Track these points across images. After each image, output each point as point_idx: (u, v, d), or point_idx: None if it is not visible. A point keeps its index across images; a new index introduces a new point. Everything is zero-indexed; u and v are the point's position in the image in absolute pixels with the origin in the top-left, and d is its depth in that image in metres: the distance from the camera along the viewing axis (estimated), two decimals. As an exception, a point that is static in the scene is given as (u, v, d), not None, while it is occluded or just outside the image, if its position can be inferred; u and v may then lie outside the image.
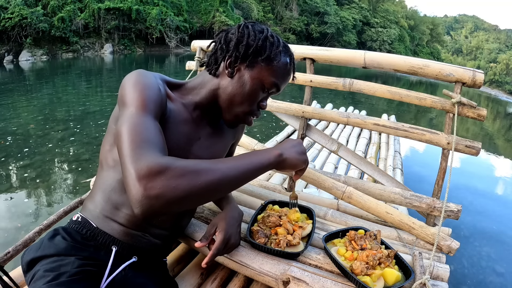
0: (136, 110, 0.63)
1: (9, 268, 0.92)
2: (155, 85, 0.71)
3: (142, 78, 0.70)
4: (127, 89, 0.67)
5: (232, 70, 0.77)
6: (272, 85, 0.78)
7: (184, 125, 0.78)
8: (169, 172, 0.52)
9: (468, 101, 1.13)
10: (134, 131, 0.59)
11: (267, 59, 0.76)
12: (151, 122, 0.63)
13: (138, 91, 0.66)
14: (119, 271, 0.73)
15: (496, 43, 52.80)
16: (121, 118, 0.63)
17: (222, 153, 0.94)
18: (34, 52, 15.07)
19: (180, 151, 0.78)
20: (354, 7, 36.41)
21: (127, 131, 0.59)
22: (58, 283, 0.63)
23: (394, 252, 0.92)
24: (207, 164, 0.58)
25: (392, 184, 1.36)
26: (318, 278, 0.86)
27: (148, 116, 0.64)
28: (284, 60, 0.78)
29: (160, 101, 0.70)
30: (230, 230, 0.89)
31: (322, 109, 1.44)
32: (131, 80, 0.69)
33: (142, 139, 0.58)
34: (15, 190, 2.83)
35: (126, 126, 0.60)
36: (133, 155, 0.54)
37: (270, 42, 0.76)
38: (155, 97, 0.68)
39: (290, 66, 0.80)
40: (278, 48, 0.76)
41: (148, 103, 0.65)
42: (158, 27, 19.35)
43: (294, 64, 0.83)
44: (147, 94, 0.67)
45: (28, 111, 5.44)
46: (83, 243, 0.73)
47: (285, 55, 0.79)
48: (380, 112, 5.85)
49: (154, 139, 0.59)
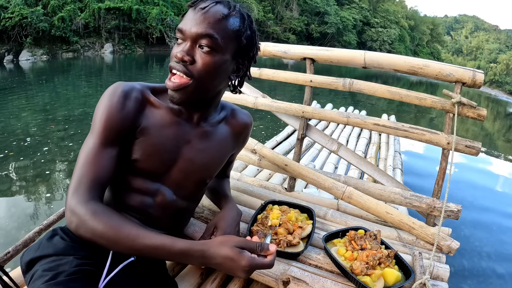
0: (93, 142, 0.73)
1: (9, 268, 0.92)
2: (119, 106, 0.74)
3: (109, 100, 0.74)
4: (96, 113, 0.74)
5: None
6: (177, 31, 0.74)
7: (168, 128, 0.79)
8: (77, 218, 0.65)
9: (468, 101, 1.13)
10: (81, 167, 0.71)
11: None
12: (102, 156, 0.72)
13: (101, 118, 0.73)
14: (117, 270, 0.73)
15: (496, 43, 52.81)
16: (84, 142, 0.74)
17: (219, 159, 0.92)
18: (34, 51, 15.06)
19: (169, 154, 0.79)
20: (354, 7, 36.40)
21: (78, 165, 0.71)
22: (56, 282, 0.63)
23: (394, 252, 0.92)
24: (111, 234, 0.64)
25: (392, 184, 1.36)
26: (318, 278, 0.87)
27: (102, 148, 0.72)
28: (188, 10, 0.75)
29: (121, 124, 0.74)
30: (229, 229, 0.89)
31: (322, 109, 1.44)
32: (101, 103, 0.75)
33: (80, 179, 0.69)
34: (15, 190, 2.83)
35: (80, 158, 0.72)
36: (71, 191, 0.68)
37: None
38: (116, 122, 0.73)
39: (190, 6, 0.75)
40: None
41: (107, 132, 0.73)
42: (158, 27, 19.33)
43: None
44: (108, 122, 0.73)
45: (28, 111, 5.44)
46: (81, 243, 0.74)
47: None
48: (380, 112, 5.85)
49: (91, 179, 0.70)
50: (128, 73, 12.15)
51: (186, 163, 0.82)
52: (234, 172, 1.66)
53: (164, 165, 0.80)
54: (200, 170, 0.85)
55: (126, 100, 0.75)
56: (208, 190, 1.10)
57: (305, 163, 2.74)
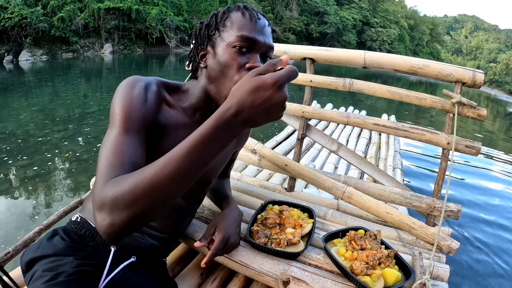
0: (117, 132, 0.64)
1: (9, 268, 0.92)
2: (141, 98, 0.69)
3: (129, 91, 0.68)
4: (114, 105, 0.68)
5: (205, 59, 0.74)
6: (240, 39, 0.67)
7: (184, 130, 0.75)
8: (107, 204, 0.51)
9: (468, 101, 1.13)
10: (106, 159, 0.60)
11: (218, 26, 0.71)
12: (127, 143, 0.63)
13: (121, 108, 0.66)
14: (118, 271, 0.73)
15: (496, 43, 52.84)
16: (105, 137, 0.65)
17: (224, 160, 0.93)
18: (34, 52, 15.06)
19: None
20: (354, 7, 36.40)
21: (102, 156, 0.61)
22: (56, 282, 0.63)
23: (394, 252, 0.92)
24: (137, 177, 0.51)
25: (392, 184, 1.36)
26: (318, 278, 0.87)
27: (126, 136, 0.64)
28: (236, 14, 0.71)
29: (144, 115, 0.68)
30: (229, 230, 0.89)
31: (322, 109, 1.44)
32: (118, 94, 0.69)
33: (107, 170, 0.58)
34: (15, 190, 2.83)
35: (104, 149, 0.62)
36: (95, 187, 0.56)
37: (215, 14, 0.73)
38: (138, 112, 0.67)
39: (248, 13, 0.70)
40: (225, 13, 0.72)
41: (129, 122, 0.65)
42: (158, 27, 19.34)
43: (255, 10, 0.73)
44: (130, 112, 0.66)
45: (28, 111, 5.43)
46: (81, 243, 0.73)
47: (237, 9, 0.72)
48: (380, 112, 5.84)
49: (120, 168, 0.58)
50: (128, 73, 12.14)
51: None
52: (234, 172, 1.66)
53: None
54: (206, 172, 0.85)
55: (147, 92, 0.70)
56: (209, 191, 1.10)
57: (305, 163, 2.74)
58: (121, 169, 0.58)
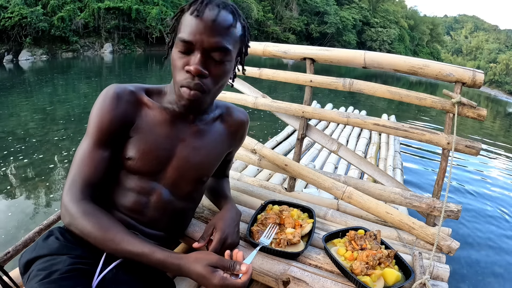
0: (87, 143, 0.77)
1: (9, 268, 0.92)
2: (113, 110, 0.76)
3: (102, 103, 0.77)
4: (90, 115, 0.78)
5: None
6: (180, 43, 0.70)
7: (163, 127, 0.81)
8: (72, 218, 0.72)
9: (468, 101, 1.13)
10: (75, 167, 0.76)
11: (175, 27, 0.76)
12: (94, 156, 0.76)
13: (94, 121, 0.77)
14: (110, 268, 0.73)
15: (496, 43, 52.86)
16: (80, 143, 0.79)
17: (215, 157, 0.91)
18: (34, 51, 15.05)
19: (163, 153, 0.81)
20: (354, 7, 36.42)
21: (73, 165, 0.77)
22: (49, 281, 0.63)
23: (394, 252, 0.92)
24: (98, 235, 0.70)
25: (392, 184, 1.36)
26: (318, 278, 0.87)
27: (96, 148, 0.76)
28: (185, 14, 0.72)
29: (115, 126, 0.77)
30: (228, 229, 0.89)
31: (322, 109, 1.44)
32: (95, 104, 0.78)
33: (74, 179, 0.75)
34: (15, 190, 2.83)
35: (75, 158, 0.77)
36: (65, 189, 0.74)
37: (175, 15, 0.77)
38: (109, 124, 0.76)
39: (192, 10, 0.70)
40: (178, 13, 0.76)
41: (100, 134, 0.76)
42: (158, 26, 19.33)
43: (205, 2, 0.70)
44: (101, 125, 0.76)
45: (28, 110, 5.43)
46: (76, 242, 0.74)
47: (187, 8, 0.72)
48: (380, 112, 5.84)
49: (84, 179, 0.75)
50: (128, 73, 12.14)
51: (181, 161, 0.83)
52: (234, 172, 1.66)
53: (159, 163, 0.81)
54: (195, 169, 0.86)
55: (118, 101, 0.77)
56: (207, 190, 1.10)
57: (305, 163, 2.74)
58: (85, 183, 0.75)
